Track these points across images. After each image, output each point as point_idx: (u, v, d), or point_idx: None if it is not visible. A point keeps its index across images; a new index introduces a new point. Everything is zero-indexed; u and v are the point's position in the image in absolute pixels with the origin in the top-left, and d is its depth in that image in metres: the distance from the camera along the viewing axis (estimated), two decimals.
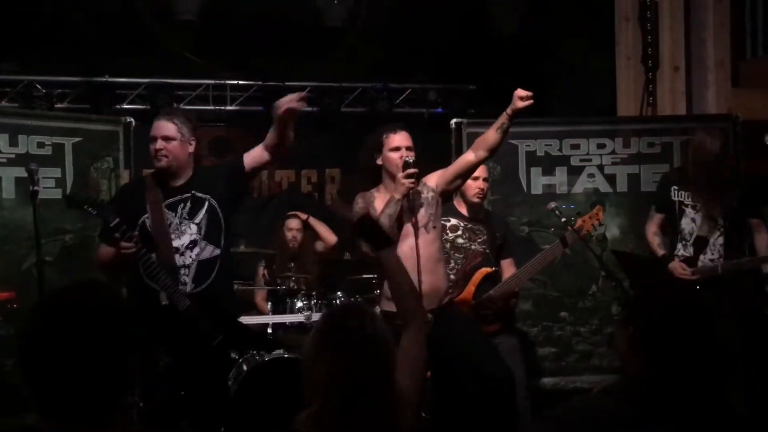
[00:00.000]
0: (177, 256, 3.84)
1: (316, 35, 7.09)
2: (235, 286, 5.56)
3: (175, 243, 3.85)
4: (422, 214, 3.92)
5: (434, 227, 3.95)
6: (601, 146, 5.94)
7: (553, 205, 4.71)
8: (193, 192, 3.91)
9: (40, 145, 5.10)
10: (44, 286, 4.18)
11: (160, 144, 3.91)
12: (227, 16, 7.07)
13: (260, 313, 5.78)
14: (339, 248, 6.57)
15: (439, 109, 8.37)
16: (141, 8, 6.46)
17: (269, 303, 5.49)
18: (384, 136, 4.04)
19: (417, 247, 3.77)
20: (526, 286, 5.17)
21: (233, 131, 8.32)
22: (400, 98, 8.33)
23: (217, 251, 3.90)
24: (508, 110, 3.84)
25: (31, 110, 6.51)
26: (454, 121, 5.95)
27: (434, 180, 4.04)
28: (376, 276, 5.84)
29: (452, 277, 4.68)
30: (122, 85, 7.70)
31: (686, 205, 4.86)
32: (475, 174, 4.59)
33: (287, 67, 7.96)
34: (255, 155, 3.95)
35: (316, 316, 5.35)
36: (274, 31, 7.32)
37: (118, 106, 7.58)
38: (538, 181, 5.93)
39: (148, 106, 7.71)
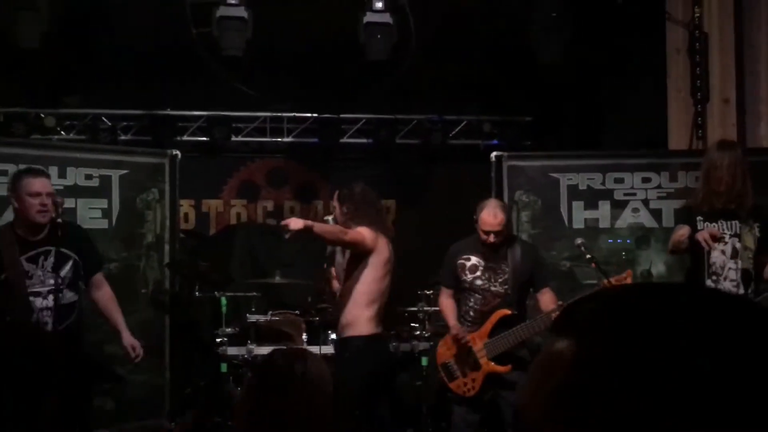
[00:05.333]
0: (40, 299, 4.10)
1: (368, 68, 7.19)
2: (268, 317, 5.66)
3: (39, 288, 4.11)
4: (338, 260, 4.69)
5: (343, 270, 4.63)
6: (646, 180, 5.82)
7: (579, 241, 4.57)
8: (57, 247, 4.11)
9: (88, 177, 5.33)
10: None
11: (47, 200, 4.08)
12: (284, 50, 7.26)
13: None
14: None
15: (495, 141, 8.33)
16: (198, 44, 6.69)
17: (304, 334, 5.55)
18: None
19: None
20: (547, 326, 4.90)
21: (289, 162, 8.51)
22: (455, 130, 8.34)
23: (75, 297, 4.24)
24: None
25: (81, 144, 6.77)
26: (494, 154, 5.94)
27: None
28: (414, 308, 5.85)
29: (471, 314, 4.65)
30: (182, 118, 7.97)
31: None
32: (486, 228, 4.55)
33: (342, 100, 8.10)
34: None
35: None
36: (329, 64, 7.47)
37: (178, 138, 7.85)
38: (580, 215, 5.84)
39: (208, 138, 7.97)
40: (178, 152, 5.86)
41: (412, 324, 5.65)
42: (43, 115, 7.54)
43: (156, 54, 7.33)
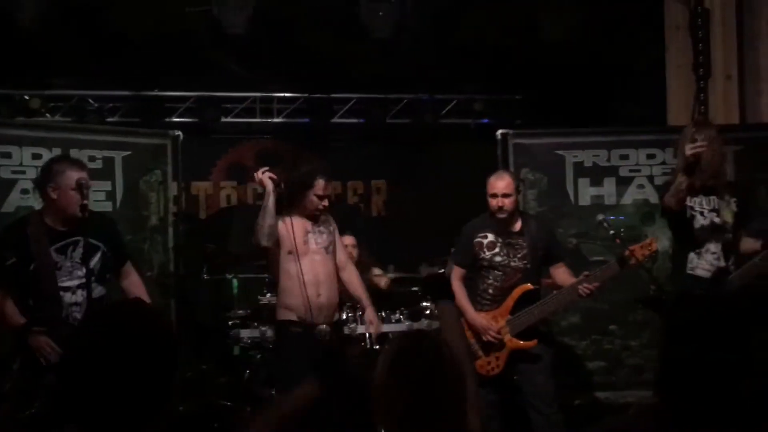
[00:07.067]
0: (69, 294, 3.95)
1: (362, 47, 7.11)
2: None
3: (67, 283, 3.96)
4: (325, 239, 4.52)
5: (333, 251, 4.57)
6: (650, 156, 5.84)
7: (601, 217, 4.61)
8: (85, 237, 3.93)
9: (91, 158, 5.18)
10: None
11: (86, 192, 3.92)
12: (273, 30, 7.13)
13: None
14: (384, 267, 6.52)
15: (486, 120, 8.32)
16: (190, 23, 6.54)
17: None
18: None
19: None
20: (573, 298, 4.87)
21: (280, 143, 8.41)
22: (446, 109, 8.31)
23: (104, 291, 4.08)
24: None
25: (83, 124, 6.63)
26: (500, 131, 5.91)
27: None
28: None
29: (491, 292, 4.64)
30: (171, 99, 7.82)
31: (696, 211, 4.45)
32: (492, 191, 4.55)
33: (333, 79, 8.01)
34: None
35: (360, 328, 5.34)
36: (320, 44, 7.36)
37: (167, 119, 7.70)
38: (586, 192, 5.85)
39: (197, 119, 7.83)
40: (180, 133, 5.73)
41: (423, 303, 5.63)
42: (27, 97, 7.34)
43: (145, 34, 7.15)
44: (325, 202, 4.51)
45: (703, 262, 4.41)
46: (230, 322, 5.21)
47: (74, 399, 1.61)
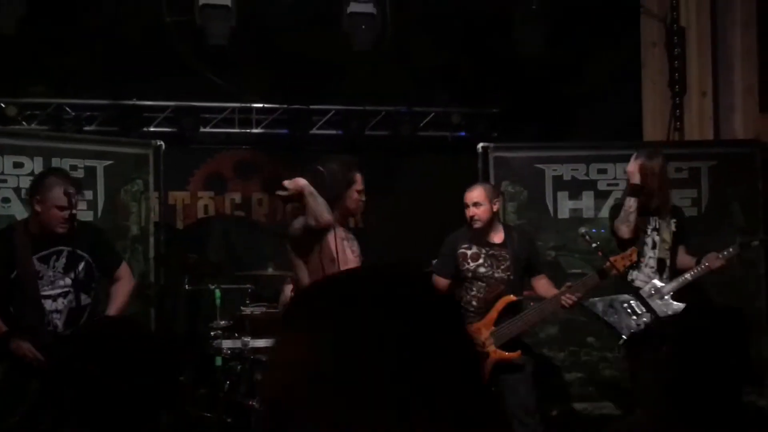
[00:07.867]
0: (50, 302, 3.97)
1: (341, 59, 7.15)
2: (263, 308, 5.60)
3: (49, 291, 3.99)
4: (356, 246, 4.08)
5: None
6: None
7: (583, 230, 4.69)
8: (70, 248, 3.98)
9: (73, 167, 5.17)
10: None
11: (71, 212, 3.94)
12: (253, 41, 7.15)
13: None
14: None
15: (463, 133, 8.40)
16: (170, 32, 6.53)
17: None
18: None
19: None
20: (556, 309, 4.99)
21: (258, 154, 8.40)
22: (424, 122, 8.37)
23: (89, 299, 4.12)
24: None
25: (65, 134, 6.59)
26: (481, 145, 5.98)
27: None
28: None
29: (474, 304, 4.68)
30: (149, 108, 7.77)
31: (640, 230, 4.81)
32: (465, 201, 4.63)
33: (312, 91, 8.04)
34: None
35: None
36: (300, 55, 7.39)
37: (145, 129, 7.66)
38: (565, 206, 5.94)
39: (175, 129, 7.80)
40: (162, 142, 5.72)
41: None
42: (3, 105, 7.27)
43: (123, 42, 7.13)
44: (364, 197, 3.97)
45: (642, 275, 4.81)
46: (212, 333, 5.20)
47: (75, 407, 1.63)
